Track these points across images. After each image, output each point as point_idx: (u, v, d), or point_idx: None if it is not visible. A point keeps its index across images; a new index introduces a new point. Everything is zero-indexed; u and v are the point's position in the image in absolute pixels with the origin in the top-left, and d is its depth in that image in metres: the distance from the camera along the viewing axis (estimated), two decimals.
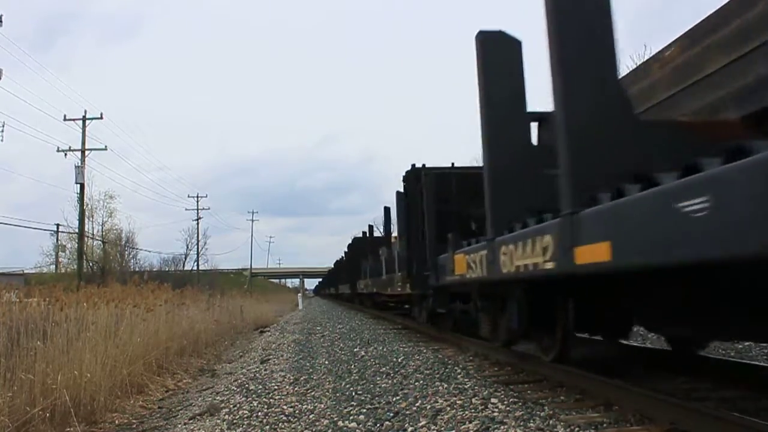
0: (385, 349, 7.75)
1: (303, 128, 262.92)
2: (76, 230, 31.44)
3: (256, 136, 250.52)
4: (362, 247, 18.72)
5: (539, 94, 4.29)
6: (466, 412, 3.82)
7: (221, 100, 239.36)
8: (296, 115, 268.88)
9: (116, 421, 5.38)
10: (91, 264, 36.45)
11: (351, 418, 4.08)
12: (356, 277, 19.32)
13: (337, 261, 33.91)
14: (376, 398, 4.62)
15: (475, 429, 3.45)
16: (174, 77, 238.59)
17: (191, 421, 4.85)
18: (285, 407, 4.67)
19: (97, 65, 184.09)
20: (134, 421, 5.46)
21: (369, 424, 3.88)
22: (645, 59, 4.72)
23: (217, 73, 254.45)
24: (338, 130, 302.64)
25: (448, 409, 3.97)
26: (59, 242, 42.48)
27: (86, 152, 28.52)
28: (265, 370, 6.95)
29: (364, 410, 4.24)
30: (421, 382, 5.11)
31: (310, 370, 6.49)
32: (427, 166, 8.74)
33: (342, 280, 27.71)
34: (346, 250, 24.02)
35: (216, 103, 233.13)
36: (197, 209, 51.89)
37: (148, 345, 7.43)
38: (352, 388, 5.16)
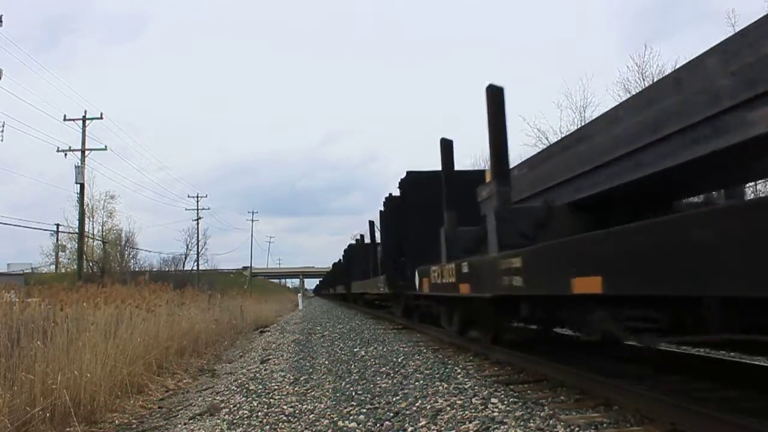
0: (385, 349, 7.75)
1: (304, 128, 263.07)
2: (76, 230, 31.47)
3: (258, 136, 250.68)
4: (429, 194, 8.00)
5: None
6: (466, 412, 3.82)
7: (222, 100, 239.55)
8: (297, 116, 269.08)
9: (116, 421, 5.38)
10: (91, 264, 36.51)
11: (351, 418, 4.08)
12: (416, 259, 8.31)
13: (349, 247, 23.07)
14: (376, 398, 4.63)
15: (475, 429, 3.45)
16: (175, 77, 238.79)
17: (191, 421, 4.85)
18: (285, 407, 4.67)
19: (99, 65, 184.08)
20: (134, 421, 5.45)
21: (369, 424, 3.88)
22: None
23: (218, 73, 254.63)
24: (339, 131, 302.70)
25: (448, 409, 3.97)
26: (59, 242, 42.63)
27: (86, 152, 28.56)
28: (265, 370, 6.95)
29: (364, 410, 4.24)
30: (421, 382, 5.11)
31: (310, 370, 6.49)
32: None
33: (356, 273, 18.22)
34: (383, 208, 12.66)
35: (217, 103, 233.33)
36: (197, 209, 52.05)
37: (148, 345, 7.42)
38: (352, 388, 5.16)
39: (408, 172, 10.34)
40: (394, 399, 4.53)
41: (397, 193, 11.41)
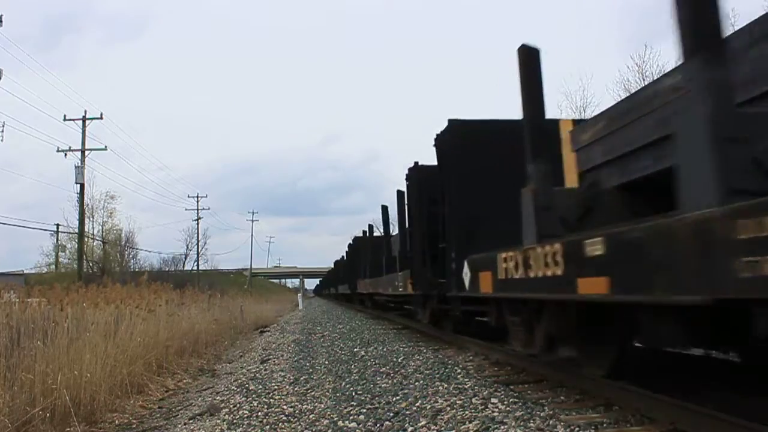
0: (385, 349, 7.76)
1: (305, 128, 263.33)
2: (76, 230, 31.47)
3: (258, 136, 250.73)
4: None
5: None
6: (466, 412, 3.82)
7: (223, 100, 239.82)
8: (299, 116, 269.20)
9: (116, 421, 5.38)
10: (91, 264, 36.50)
11: (351, 418, 4.08)
12: (462, 246, 6.06)
13: (355, 240, 19.82)
14: (376, 398, 4.63)
15: (475, 429, 3.46)
16: (176, 77, 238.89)
17: (191, 421, 4.84)
18: (285, 407, 4.67)
19: (101, 65, 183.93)
20: (134, 421, 5.45)
21: (369, 424, 3.88)
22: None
23: (219, 74, 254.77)
24: (340, 130, 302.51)
25: (448, 409, 3.98)
26: (59, 242, 42.65)
27: (86, 152, 28.56)
28: (265, 370, 6.95)
29: (364, 410, 4.24)
30: (421, 382, 5.11)
31: (310, 370, 6.49)
32: None
33: (364, 270, 15.54)
34: (406, 182, 9.61)
35: (218, 103, 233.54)
36: (197, 209, 52.05)
37: (148, 345, 7.42)
38: (352, 388, 5.16)
39: (450, 121, 6.97)
40: (394, 399, 4.53)
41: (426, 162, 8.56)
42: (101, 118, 29.37)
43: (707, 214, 2.22)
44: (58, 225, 41.43)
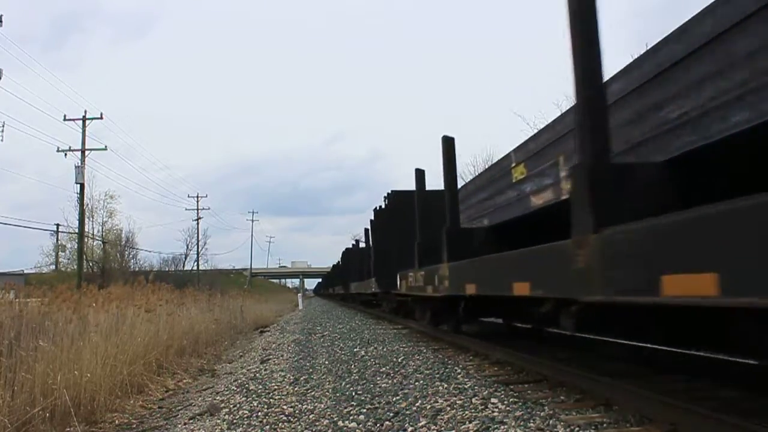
0: (385, 349, 7.76)
1: (308, 128, 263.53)
2: (76, 230, 31.47)
3: (261, 136, 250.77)
4: None
5: None
6: (466, 412, 3.82)
7: (227, 100, 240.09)
8: (302, 115, 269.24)
9: (116, 421, 5.38)
10: (91, 264, 36.50)
11: (351, 418, 4.08)
12: None
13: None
14: (376, 398, 4.63)
15: (475, 429, 3.46)
16: (179, 77, 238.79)
17: (191, 421, 4.84)
18: (285, 407, 4.67)
19: (105, 65, 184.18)
20: (134, 421, 5.45)
21: (369, 424, 3.88)
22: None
23: (222, 74, 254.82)
24: (344, 130, 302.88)
25: (448, 409, 3.98)
26: (59, 242, 42.65)
27: (86, 152, 28.57)
28: (265, 370, 6.95)
29: (364, 410, 4.25)
30: (421, 382, 5.11)
31: (310, 370, 6.50)
32: None
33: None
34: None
35: (222, 103, 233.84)
36: (197, 209, 52.09)
37: (148, 345, 7.42)
38: (352, 388, 5.16)
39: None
40: (394, 399, 4.53)
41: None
42: (101, 118, 29.42)
43: None
44: (58, 225, 41.47)
